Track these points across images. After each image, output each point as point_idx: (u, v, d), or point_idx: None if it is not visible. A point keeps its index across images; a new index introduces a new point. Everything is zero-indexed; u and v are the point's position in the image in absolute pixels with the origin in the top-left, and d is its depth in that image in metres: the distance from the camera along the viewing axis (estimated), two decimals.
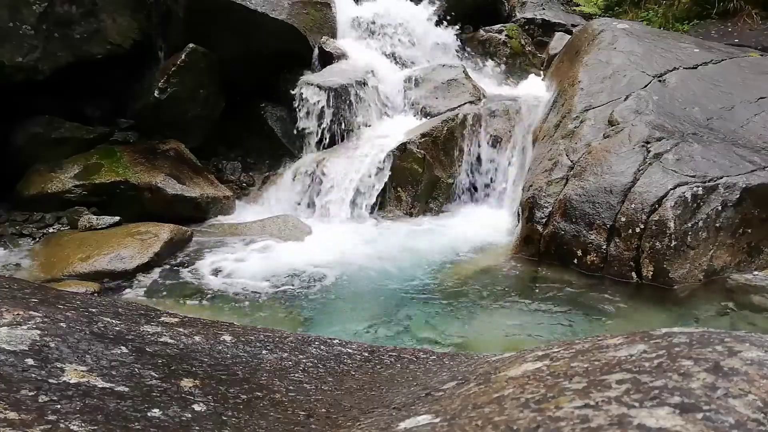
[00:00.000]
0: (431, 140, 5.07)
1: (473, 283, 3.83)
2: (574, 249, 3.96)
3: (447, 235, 4.60)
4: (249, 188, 5.46)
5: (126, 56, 5.05)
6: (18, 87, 4.57)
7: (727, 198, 3.77)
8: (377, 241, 4.52)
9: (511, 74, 6.39)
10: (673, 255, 3.69)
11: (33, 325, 1.16)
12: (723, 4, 6.89)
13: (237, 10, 5.19)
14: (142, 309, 1.53)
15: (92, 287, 3.66)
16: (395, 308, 3.53)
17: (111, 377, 1.06)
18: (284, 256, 4.19)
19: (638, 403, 0.73)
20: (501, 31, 6.63)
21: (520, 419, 0.75)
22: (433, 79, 5.66)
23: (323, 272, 3.97)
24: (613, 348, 0.95)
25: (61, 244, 4.19)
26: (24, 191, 4.65)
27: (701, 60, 5.08)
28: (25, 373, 1.00)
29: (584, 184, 4.06)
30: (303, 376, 1.26)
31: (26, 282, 1.72)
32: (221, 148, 5.65)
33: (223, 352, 1.31)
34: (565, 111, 4.78)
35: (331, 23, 5.84)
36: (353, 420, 1.05)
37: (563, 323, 3.36)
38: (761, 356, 0.81)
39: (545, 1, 7.53)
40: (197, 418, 1.00)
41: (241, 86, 5.48)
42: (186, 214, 4.76)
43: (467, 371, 1.16)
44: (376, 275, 3.96)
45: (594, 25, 5.71)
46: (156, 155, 4.94)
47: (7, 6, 4.43)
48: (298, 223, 4.71)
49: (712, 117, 4.47)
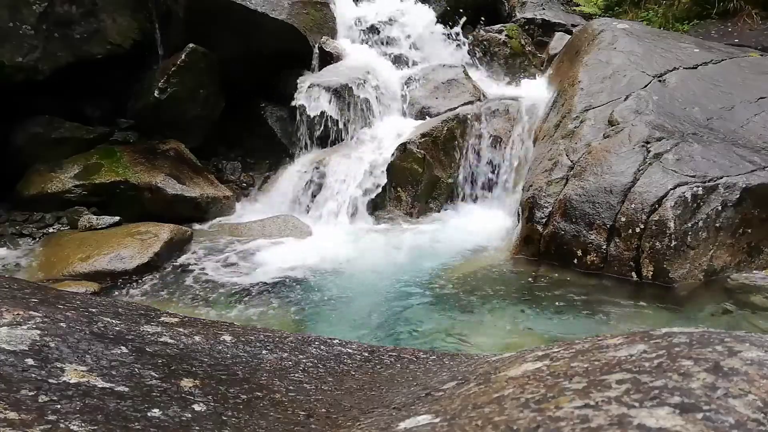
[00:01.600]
0: (431, 140, 5.07)
1: (473, 283, 3.83)
2: (574, 249, 3.96)
3: (447, 235, 4.60)
4: (249, 188, 5.46)
5: (126, 56, 5.05)
6: (18, 87, 4.57)
7: (727, 198, 3.77)
8: (377, 241, 4.52)
9: (511, 74, 6.39)
10: (673, 255, 3.69)
11: (33, 325, 1.16)
12: (723, 4, 6.89)
13: (237, 10, 5.19)
14: (142, 309, 1.53)
15: (92, 287, 3.66)
16: (395, 308, 3.53)
17: (111, 377, 1.06)
18: (284, 256, 4.19)
19: (638, 403, 0.73)
20: (501, 31, 6.62)
21: (520, 419, 0.75)
22: (433, 79, 5.66)
23: (323, 272, 3.97)
24: (613, 348, 0.95)
25: (61, 244, 4.19)
26: (24, 191, 4.65)
27: (701, 60, 5.08)
28: (25, 373, 1.00)
29: (584, 184, 4.06)
30: (303, 376, 1.26)
31: (26, 282, 1.71)
32: (221, 148, 5.65)
33: (223, 352, 1.31)
34: (565, 111, 4.78)
35: (331, 23, 5.84)
36: (353, 420, 1.05)
37: (563, 323, 3.36)
38: (761, 356, 0.81)
39: (545, 1, 7.53)
40: (197, 418, 1.00)
41: (241, 86, 5.48)
42: (186, 214, 4.76)
43: (467, 371, 1.16)
44: (376, 275, 3.95)
45: (594, 25, 5.71)
46: (156, 155, 4.94)
47: (7, 6, 4.43)
48: (297, 223, 4.71)
49: (712, 117, 4.47)
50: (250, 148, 5.68)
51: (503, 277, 3.97)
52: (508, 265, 4.13)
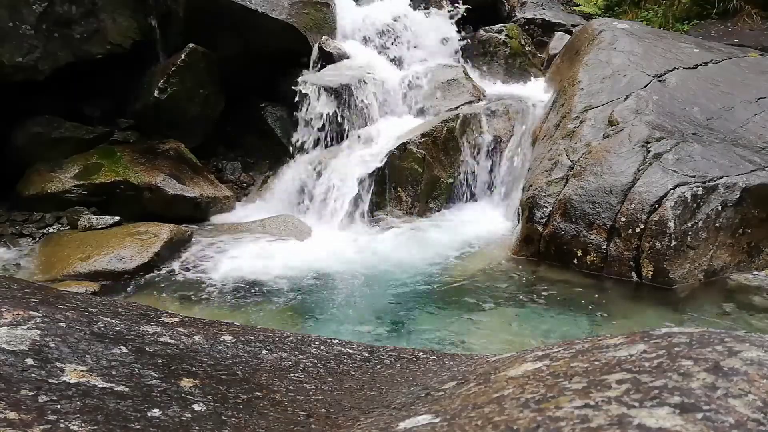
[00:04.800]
0: (431, 140, 5.07)
1: (473, 283, 3.83)
2: (574, 249, 3.96)
3: (447, 234, 4.60)
4: (249, 188, 5.46)
5: (126, 56, 5.05)
6: (18, 87, 4.57)
7: (727, 198, 3.77)
8: (377, 241, 4.52)
9: (511, 74, 6.39)
10: (673, 255, 3.69)
11: (33, 325, 1.16)
12: (723, 4, 6.90)
13: (237, 10, 5.19)
14: (142, 309, 1.53)
15: (92, 287, 3.66)
16: (395, 308, 3.53)
17: (111, 377, 1.06)
18: (284, 256, 4.19)
19: (638, 403, 0.73)
20: (501, 31, 6.62)
21: (520, 419, 0.75)
22: (433, 79, 5.66)
23: (323, 272, 3.97)
24: (613, 348, 0.95)
25: (61, 244, 4.19)
26: (24, 191, 4.65)
27: (701, 60, 5.08)
28: (25, 373, 1.00)
29: (584, 184, 4.06)
30: (303, 376, 1.26)
31: (26, 282, 1.71)
32: (221, 148, 5.65)
33: (223, 352, 1.31)
34: (565, 111, 4.78)
35: (331, 23, 5.84)
36: (353, 420, 1.05)
37: (563, 323, 3.36)
38: (761, 356, 0.81)
39: (545, 1, 7.53)
40: (197, 418, 1.00)
41: (241, 86, 5.48)
42: (186, 214, 4.76)
43: (467, 371, 1.16)
44: (376, 275, 3.96)
45: (594, 25, 5.71)
46: (156, 155, 4.94)
47: (7, 6, 4.43)
48: (297, 223, 4.71)
49: (712, 117, 4.47)
50: (250, 148, 5.68)
51: (503, 277, 3.97)
52: (508, 265, 4.13)
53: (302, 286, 3.79)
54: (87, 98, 5.10)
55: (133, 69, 5.17)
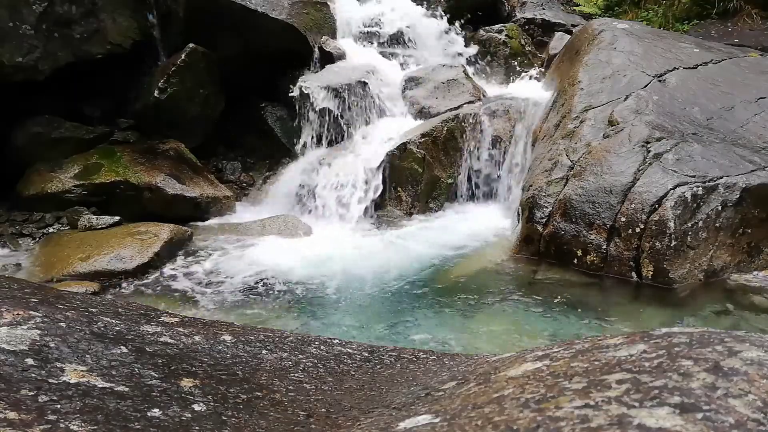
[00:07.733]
0: (431, 140, 5.07)
1: (473, 283, 3.83)
2: (574, 249, 3.96)
3: (447, 234, 4.60)
4: (249, 188, 5.46)
5: (126, 56, 5.05)
6: (18, 87, 4.57)
7: (727, 198, 3.77)
8: (377, 240, 4.52)
9: (511, 74, 6.39)
10: (673, 255, 3.69)
11: (33, 325, 1.16)
12: (723, 4, 6.90)
13: (237, 10, 5.19)
14: (142, 309, 1.53)
15: (92, 287, 3.66)
16: (395, 308, 3.53)
17: (111, 377, 1.06)
18: (284, 256, 4.18)
19: (638, 403, 0.73)
20: (501, 31, 6.62)
21: (520, 419, 0.75)
22: (433, 79, 5.66)
23: (323, 272, 3.97)
24: (613, 348, 0.95)
25: (61, 244, 4.19)
26: (24, 191, 4.65)
27: (701, 60, 5.08)
28: (25, 373, 1.00)
29: (584, 184, 4.06)
30: (303, 376, 1.26)
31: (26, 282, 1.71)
32: (221, 148, 5.65)
33: (223, 352, 1.31)
34: (565, 111, 4.78)
35: (331, 23, 5.84)
36: (353, 420, 1.04)
37: (563, 323, 3.36)
38: (761, 356, 0.81)
39: (545, 1, 7.53)
40: (197, 418, 1.00)
41: (241, 86, 5.48)
42: (186, 214, 4.76)
43: (467, 371, 1.16)
44: (376, 275, 3.95)
45: (594, 25, 5.71)
46: (156, 155, 4.94)
47: (7, 6, 4.43)
48: (297, 223, 4.71)
49: (712, 117, 4.46)
50: (250, 148, 5.68)
51: (503, 276, 3.97)
52: (508, 265, 4.13)
53: (302, 286, 3.79)
54: (87, 98, 5.10)
55: (133, 69, 5.17)
